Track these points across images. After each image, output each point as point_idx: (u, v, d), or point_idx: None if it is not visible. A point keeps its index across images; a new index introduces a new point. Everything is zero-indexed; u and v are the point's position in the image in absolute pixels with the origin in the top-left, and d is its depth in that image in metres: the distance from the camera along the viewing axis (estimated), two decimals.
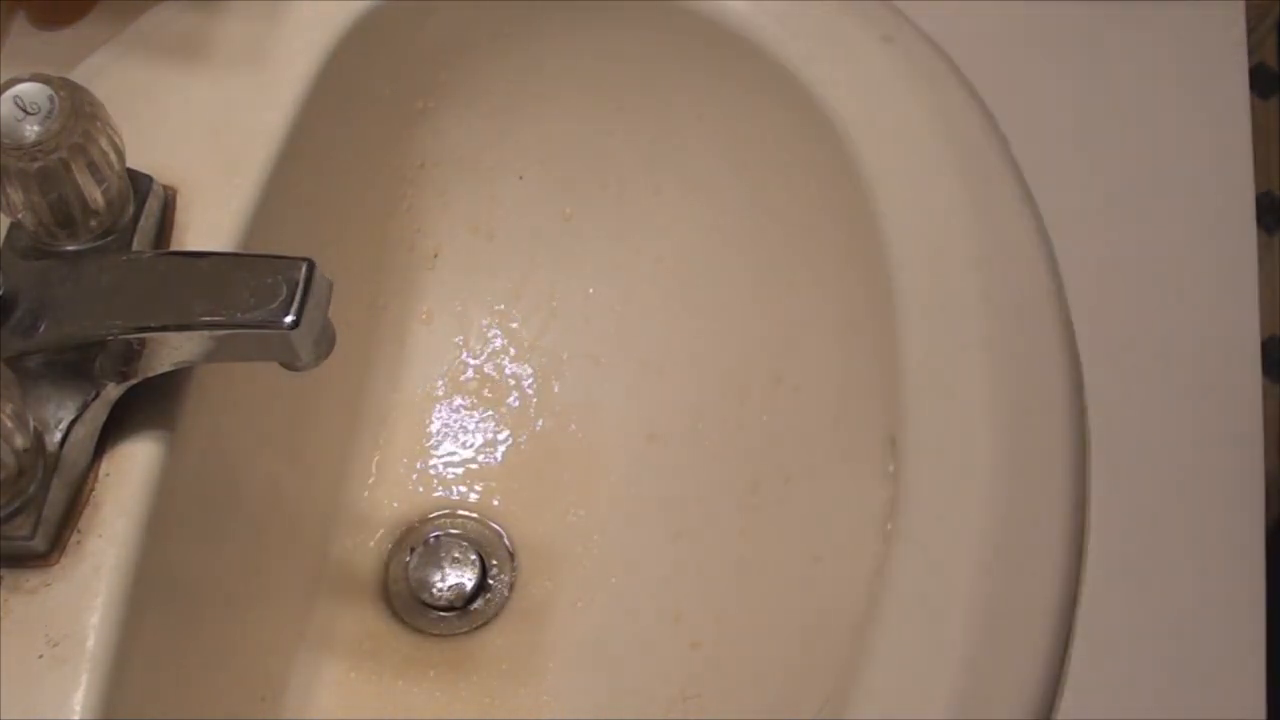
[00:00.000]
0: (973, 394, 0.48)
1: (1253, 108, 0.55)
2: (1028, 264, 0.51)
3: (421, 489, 0.61)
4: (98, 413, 0.45)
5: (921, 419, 0.48)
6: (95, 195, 0.45)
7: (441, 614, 0.58)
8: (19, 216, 0.45)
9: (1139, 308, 0.51)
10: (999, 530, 0.46)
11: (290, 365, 0.43)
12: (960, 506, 0.46)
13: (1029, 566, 0.46)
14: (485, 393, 0.63)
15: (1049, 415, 0.48)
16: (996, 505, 0.46)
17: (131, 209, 0.47)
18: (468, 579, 0.59)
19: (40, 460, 0.44)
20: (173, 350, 0.44)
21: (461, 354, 0.63)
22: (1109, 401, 0.50)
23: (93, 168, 0.45)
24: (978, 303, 0.49)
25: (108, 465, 0.46)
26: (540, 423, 0.62)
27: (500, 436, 0.62)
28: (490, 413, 0.62)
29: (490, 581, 0.59)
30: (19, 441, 0.42)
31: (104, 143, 0.45)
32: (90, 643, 0.43)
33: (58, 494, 0.44)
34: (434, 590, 0.59)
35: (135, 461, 0.46)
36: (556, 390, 0.63)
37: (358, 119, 0.58)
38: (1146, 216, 0.53)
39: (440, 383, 0.63)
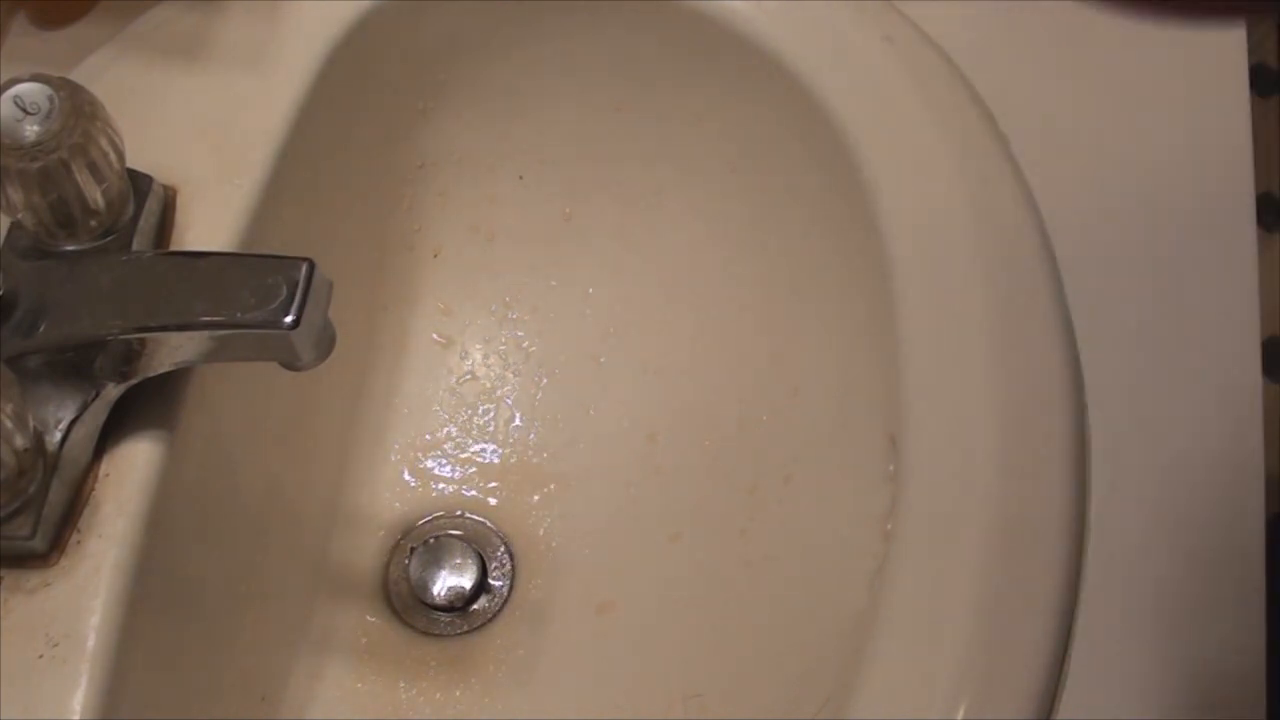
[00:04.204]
0: (973, 394, 0.48)
1: (1253, 108, 0.55)
2: (1028, 263, 0.51)
3: (421, 489, 0.61)
4: (98, 413, 0.45)
5: (921, 419, 0.48)
6: (95, 195, 0.45)
7: (441, 614, 0.58)
8: (19, 216, 0.45)
9: (1139, 307, 0.51)
10: (999, 530, 0.46)
11: (290, 365, 0.43)
12: (960, 506, 0.46)
13: (1028, 567, 0.46)
14: (485, 392, 0.63)
15: (1049, 415, 0.48)
16: (996, 505, 0.46)
17: (131, 209, 0.47)
18: (467, 579, 0.59)
19: (40, 460, 0.43)
20: (173, 350, 0.44)
21: (461, 354, 0.63)
22: (1109, 401, 0.50)
23: (93, 168, 0.44)
24: (978, 302, 0.49)
25: (108, 465, 0.46)
26: (540, 422, 0.62)
27: (500, 436, 0.62)
28: (490, 412, 0.62)
29: (490, 582, 0.59)
30: (19, 441, 0.42)
31: (104, 143, 0.45)
32: (90, 643, 0.43)
33: (58, 494, 0.44)
34: (434, 590, 0.59)
35: (135, 461, 0.46)
36: (556, 390, 0.62)
37: (357, 119, 0.58)
38: (1146, 216, 0.53)
39: (440, 383, 0.63)
